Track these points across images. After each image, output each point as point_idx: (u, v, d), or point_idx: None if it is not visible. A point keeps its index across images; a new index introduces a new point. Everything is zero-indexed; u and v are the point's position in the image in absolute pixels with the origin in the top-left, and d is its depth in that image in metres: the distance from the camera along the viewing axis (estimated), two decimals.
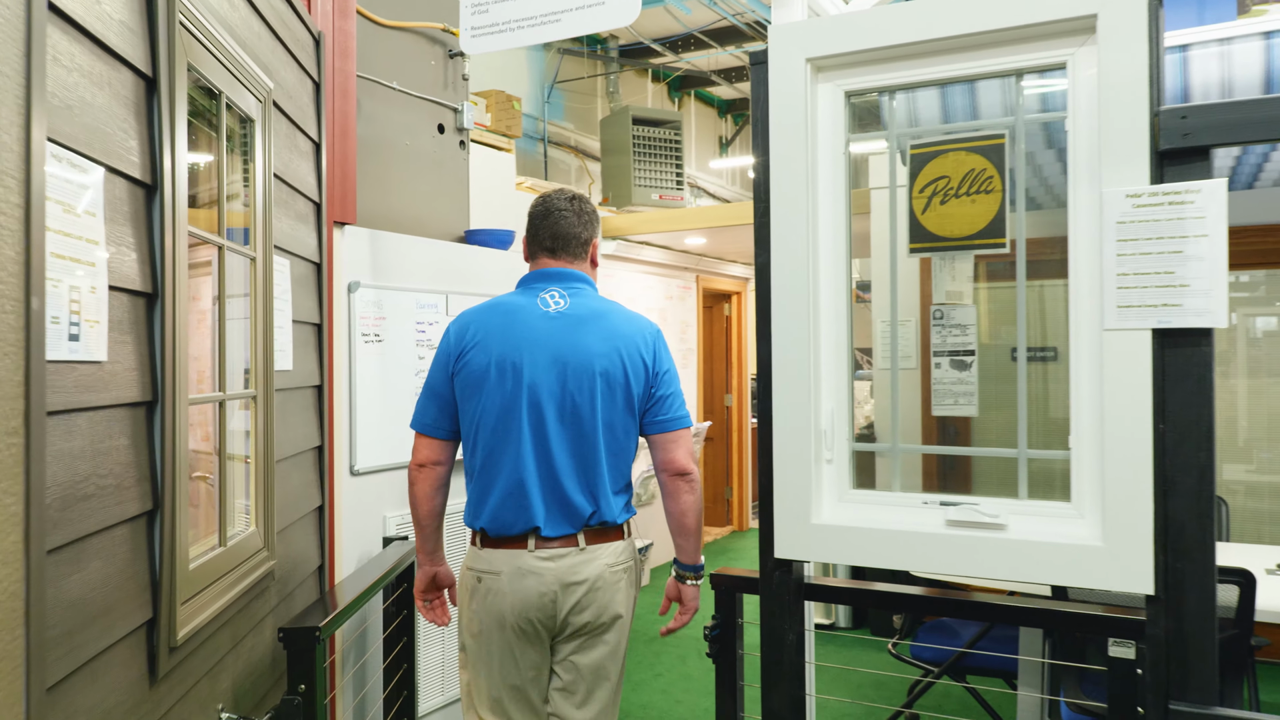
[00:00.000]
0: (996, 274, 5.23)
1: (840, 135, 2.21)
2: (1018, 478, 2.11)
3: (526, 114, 9.13)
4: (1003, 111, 2.73)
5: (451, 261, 3.47)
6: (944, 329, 2.22)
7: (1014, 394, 2.02)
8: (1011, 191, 2.13)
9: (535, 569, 2.03)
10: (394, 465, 3.19)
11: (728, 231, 6.06)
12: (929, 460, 5.17)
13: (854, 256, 7.12)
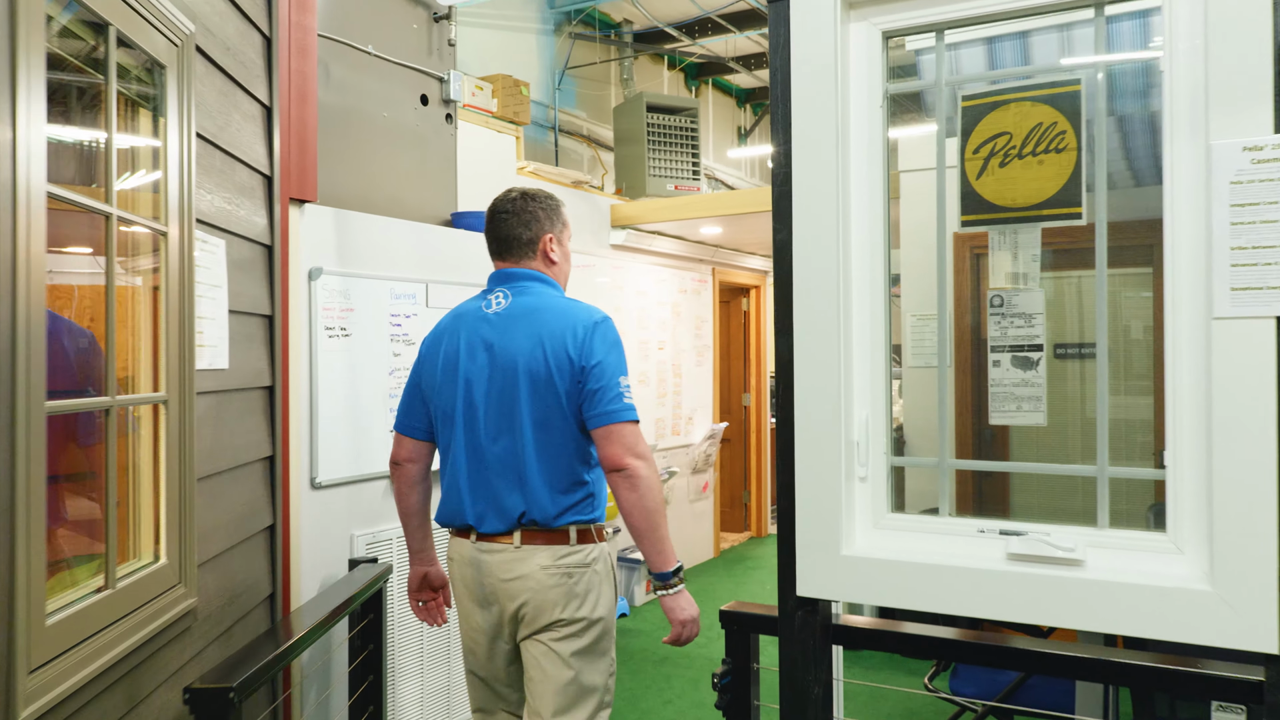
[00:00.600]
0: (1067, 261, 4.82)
1: (877, 84, 1.82)
2: (1096, 501, 1.71)
3: (536, 101, 8.75)
4: None
5: (434, 246, 3.11)
6: (1004, 319, 1.82)
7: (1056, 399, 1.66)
8: (1089, 150, 1.74)
9: (475, 560, 2.08)
10: (363, 476, 2.83)
11: (745, 220, 5.66)
12: (961, 477, 4.76)
13: None
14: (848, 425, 1.83)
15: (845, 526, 1.82)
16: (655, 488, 2.00)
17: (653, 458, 2.01)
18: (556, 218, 2.20)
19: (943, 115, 1.81)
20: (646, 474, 1.99)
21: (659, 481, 2.01)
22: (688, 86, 10.76)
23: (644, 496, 1.99)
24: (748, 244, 6.87)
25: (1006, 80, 1.80)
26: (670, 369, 6.35)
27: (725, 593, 5.84)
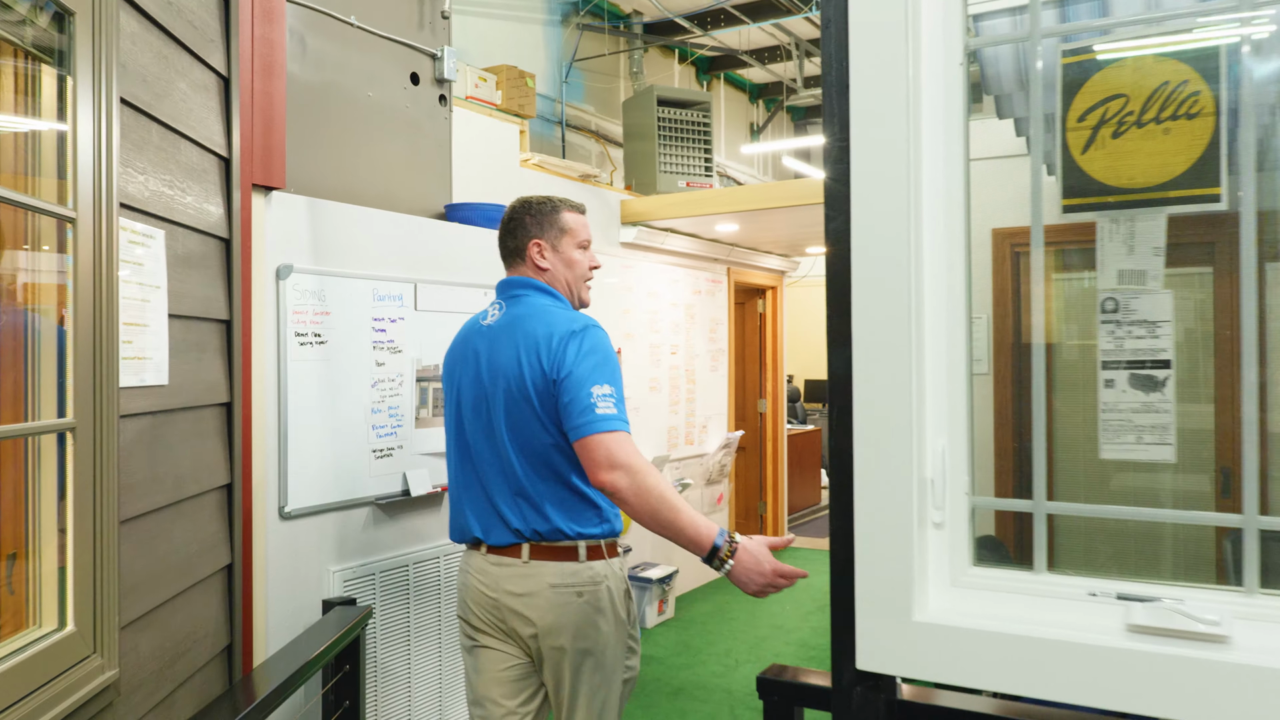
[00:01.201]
0: (1076, 263, 4.43)
1: (955, 37, 1.48)
2: (1244, 559, 1.36)
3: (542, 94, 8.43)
4: None
5: (424, 241, 2.76)
6: (1120, 328, 1.47)
7: None
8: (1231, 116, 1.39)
9: (483, 569, 2.05)
10: (342, 503, 2.49)
11: (763, 217, 5.31)
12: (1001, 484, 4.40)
13: None
14: (920, 458, 1.48)
15: (917, 584, 1.47)
16: (643, 491, 1.85)
17: (637, 461, 1.87)
18: (546, 223, 2.13)
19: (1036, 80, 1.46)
20: (626, 484, 1.85)
21: (649, 483, 1.86)
22: (699, 81, 10.42)
23: (636, 504, 1.87)
24: (765, 242, 6.52)
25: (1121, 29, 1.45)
26: (683, 375, 6.00)
27: (742, 614, 5.48)
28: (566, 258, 2.13)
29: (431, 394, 2.75)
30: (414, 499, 2.67)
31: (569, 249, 2.13)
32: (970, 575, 1.51)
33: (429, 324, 2.75)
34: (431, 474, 2.74)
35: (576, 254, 2.13)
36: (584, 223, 2.18)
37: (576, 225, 2.15)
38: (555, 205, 2.15)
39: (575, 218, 2.16)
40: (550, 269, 2.11)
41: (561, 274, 2.12)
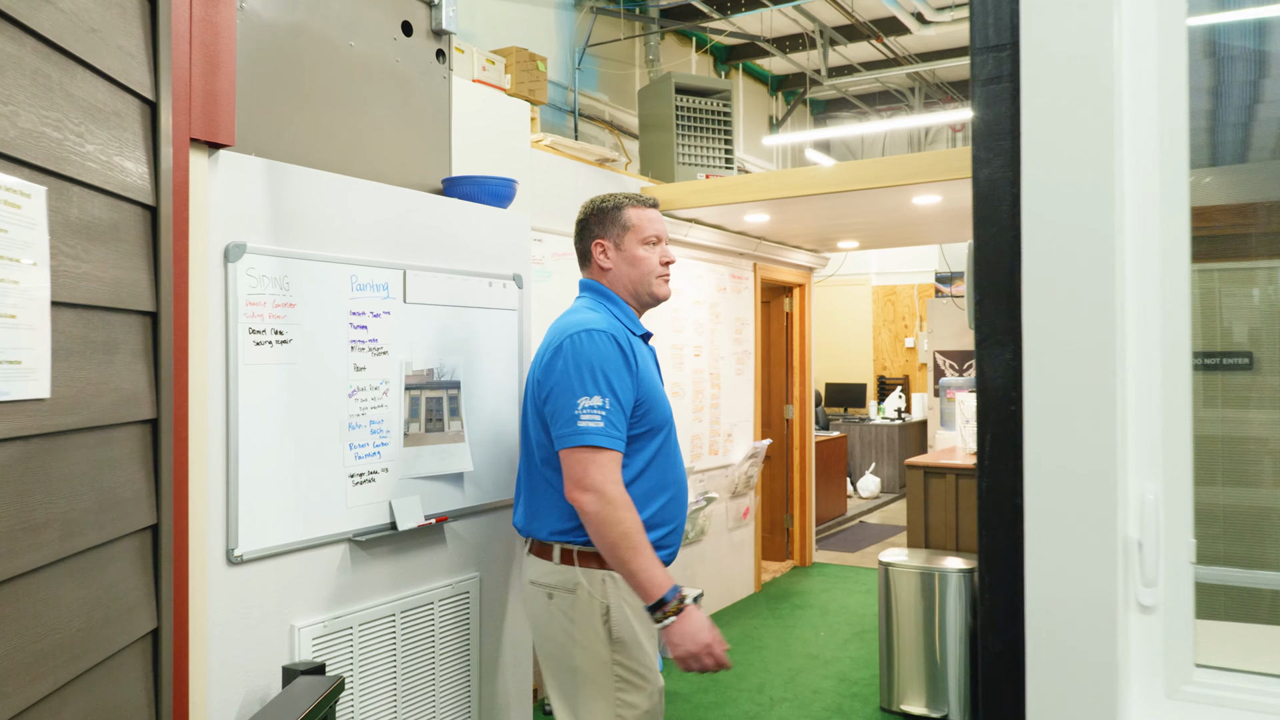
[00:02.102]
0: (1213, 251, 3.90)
1: None
2: None
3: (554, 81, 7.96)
4: None
5: (416, 219, 2.28)
6: None
7: None
8: None
9: None
10: (310, 542, 2.00)
11: (797, 206, 4.82)
12: None
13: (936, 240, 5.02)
14: (1121, 511, 1.01)
15: (1120, 695, 0.99)
16: (606, 521, 1.86)
17: (611, 489, 1.87)
18: (609, 220, 2.14)
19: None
20: (592, 509, 1.88)
21: (616, 516, 1.86)
22: (717, 71, 9.94)
23: (596, 532, 1.89)
24: (794, 236, 6.03)
25: None
26: (708, 379, 5.51)
27: (773, 639, 4.99)
28: (630, 255, 2.11)
29: (424, 405, 2.27)
30: (402, 534, 2.19)
31: (633, 246, 2.11)
32: (1195, 682, 1.03)
33: (421, 319, 2.27)
34: (425, 502, 2.26)
35: (642, 251, 2.10)
36: (651, 217, 2.13)
37: (640, 220, 2.11)
38: (619, 202, 2.13)
39: (639, 213, 2.12)
40: (612, 268, 2.12)
41: (624, 273, 2.12)
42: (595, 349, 1.94)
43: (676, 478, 2.06)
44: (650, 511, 1.99)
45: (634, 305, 2.15)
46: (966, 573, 3.95)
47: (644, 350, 2.11)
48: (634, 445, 1.99)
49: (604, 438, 1.88)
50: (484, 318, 2.43)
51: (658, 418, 2.03)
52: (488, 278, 2.46)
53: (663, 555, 1.98)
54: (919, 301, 10.77)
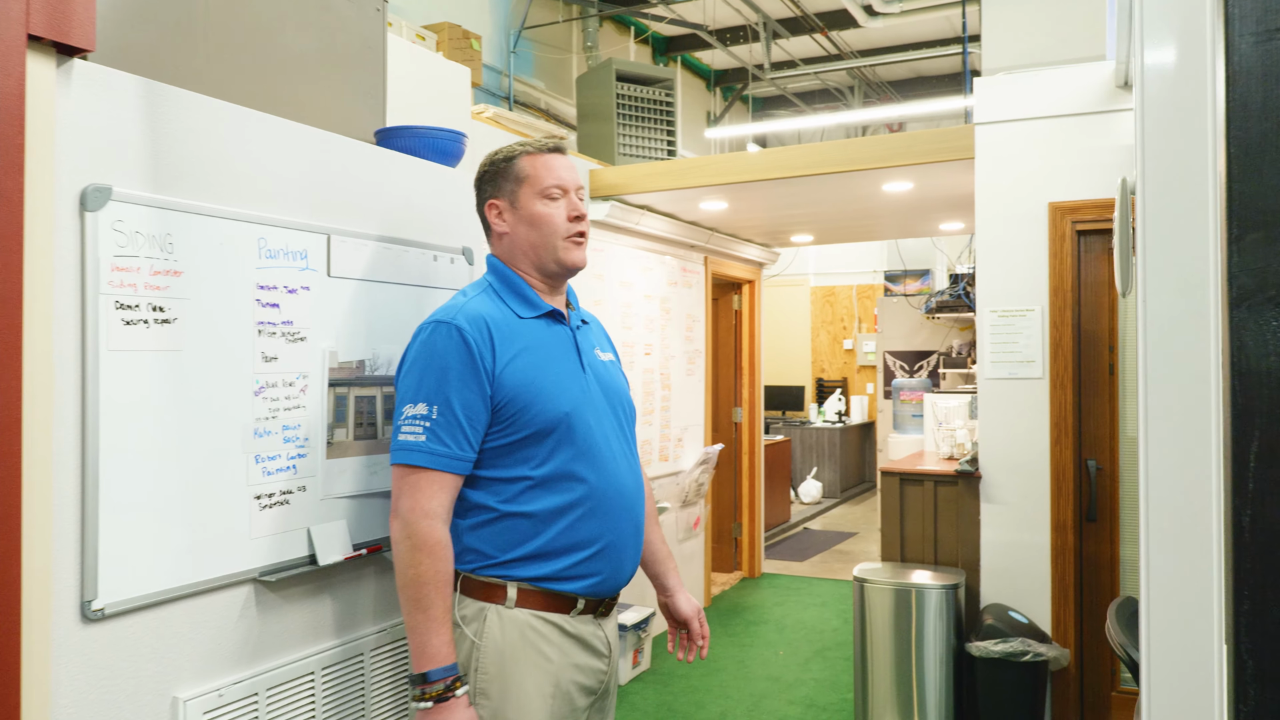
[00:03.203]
0: None
1: None
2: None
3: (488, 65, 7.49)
4: None
5: (345, 172, 1.82)
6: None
7: None
8: None
9: None
10: (199, 586, 1.53)
11: (757, 192, 4.45)
12: (1060, 505, 3.61)
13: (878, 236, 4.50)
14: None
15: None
16: (401, 559, 1.56)
17: (415, 517, 1.56)
18: (501, 176, 1.74)
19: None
20: (396, 538, 1.58)
21: (409, 553, 1.55)
22: (655, 63, 9.59)
23: (396, 568, 1.58)
24: (748, 227, 5.67)
25: None
26: (658, 380, 5.11)
27: (730, 661, 4.60)
28: (528, 214, 1.71)
29: (353, 405, 1.81)
30: (324, 569, 1.73)
31: (530, 202, 1.71)
32: None
33: (349, 298, 1.81)
34: (354, 527, 1.80)
35: (541, 206, 1.70)
36: (550, 164, 1.72)
37: (537, 169, 1.71)
38: (511, 151, 1.74)
39: (534, 160, 1.72)
40: (509, 233, 1.73)
41: (523, 237, 1.72)
42: (431, 347, 1.61)
43: (595, 488, 1.67)
44: (549, 536, 1.63)
45: (538, 279, 1.74)
46: (949, 589, 3.63)
47: (536, 336, 1.70)
48: (514, 455, 1.64)
49: (422, 454, 1.56)
50: (428, 299, 1.98)
51: (543, 418, 1.64)
52: (433, 250, 2.01)
53: (581, 587, 1.65)
54: (857, 302, 10.56)
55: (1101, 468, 3.64)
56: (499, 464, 1.63)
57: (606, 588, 1.69)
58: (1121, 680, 3.63)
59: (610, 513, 1.68)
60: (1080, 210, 3.60)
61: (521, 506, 1.62)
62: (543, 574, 1.62)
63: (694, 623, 1.93)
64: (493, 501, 1.63)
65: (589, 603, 1.68)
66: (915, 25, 8.96)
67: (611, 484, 1.69)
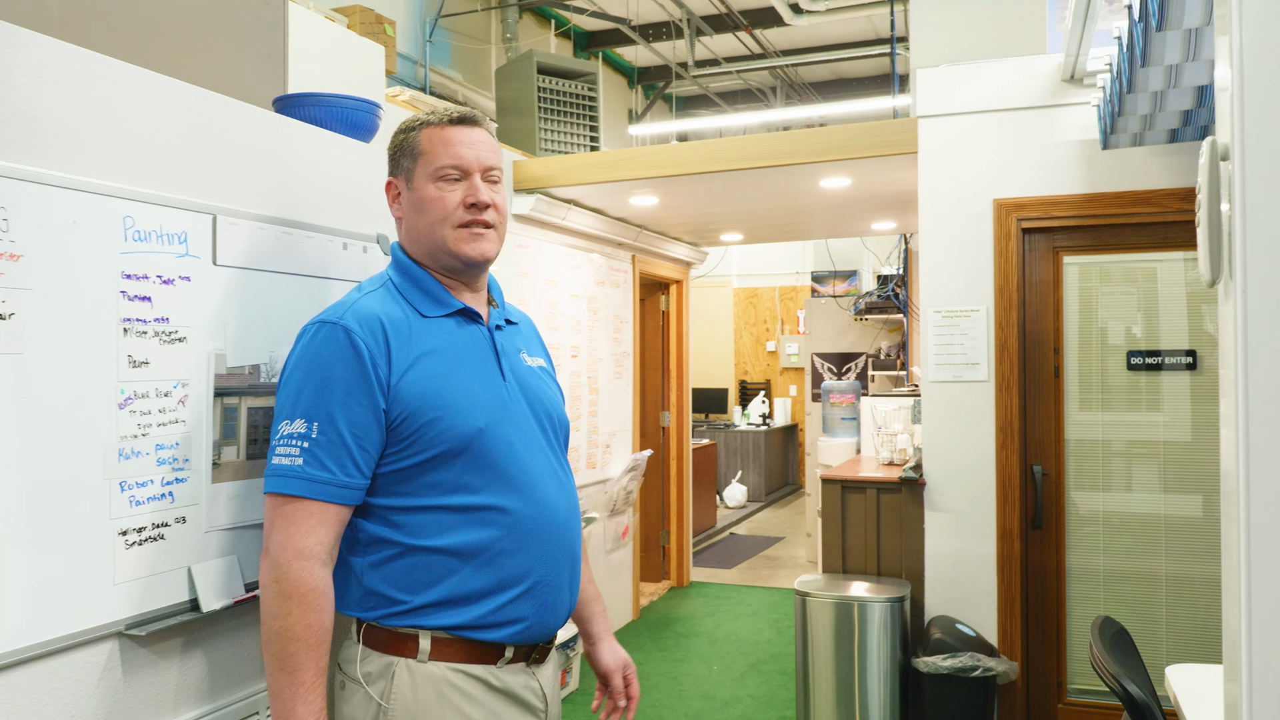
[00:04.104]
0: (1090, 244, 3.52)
1: None
2: None
3: (403, 55, 7.15)
4: None
5: (238, 141, 1.53)
6: None
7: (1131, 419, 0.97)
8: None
9: None
10: (48, 645, 1.23)
11: (691, 186, 4.24)
12: (1006, 512, 3.48)
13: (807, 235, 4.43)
14: None
15: None
16: (270, 604, 1.29)
17: (287, 557, 1.29)
18: (400, 151, 1.51)
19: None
20: (263, 581, 1.32)
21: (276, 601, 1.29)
22: (576, 58, 9.35)
23: (261, 615, 1.31)
24: (677, 224, 5.47)
25: None
26: (585, 383, 4.86)
27: (663, 677, 4.38)
28: (418, 198, 1.47)
29: (246, 418, 1.52)
30: (208, 616, 1.44)
31: (422, 184, 1.46)
32: None
33: (240, 291, 1.52)
34: (246, 563, 1.51)
35: (431, 189, 1.45)
36: (450, 138, 1.45)
37: (430, 146, 1.45)
38: (412, 124, 1.50)
39: (432, 134, 1.46)
40: (404, 218, 1.50)
41: (414, 224, 1.49)
42: (313, 352, 1.37)
43: (520, 516, 1.43)
44: (466, 574, 1.39)
45: (440, 272, 1.50)
46: (894, 601, 3.47)
47: (444, 338, 1.46)
48: (418, 480, 1.40)
49: (298, 482, 1.31)
50: (336, 293, 1.71)
51: (451, 436, 1.39)
52: (342, 237, 1.73)
53: (508, 634, 1.42)
54: (780, 304, 10.49)
55: (1047, 473, 3.53)
56: (401, 491, 1.39)
57: (538, 632, 1.45)
58: (1068, 693, 3.53)
59: (539, 544, 1.44)
60: (1026, 207, 3.49)
61: (431, 540, 1.38)
62: (461, 621, 1.38)
63: (616, 678, 1.67)
64: (396, 535, 1.38)
65: (519, 650, 1.44)
66: (838, 25, 8.92)
67: (540, 510, 1.44)
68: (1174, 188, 3.32)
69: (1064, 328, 3.54)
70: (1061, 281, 3.54)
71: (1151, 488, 3.45)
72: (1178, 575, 3.41)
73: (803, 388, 10.16)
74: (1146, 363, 3.47)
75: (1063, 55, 3.31)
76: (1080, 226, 3.49)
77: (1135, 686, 1.69)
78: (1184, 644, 3.37)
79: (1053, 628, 3.54)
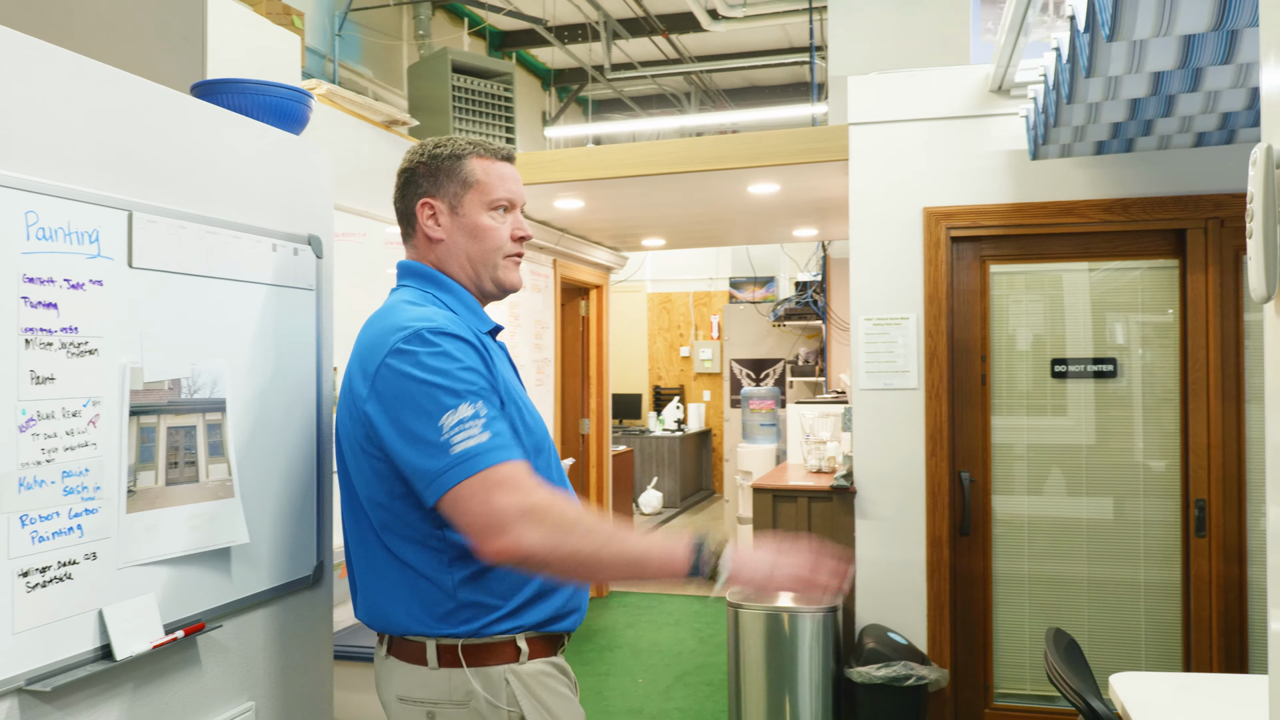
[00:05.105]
0: (1016, 253, 3.56)
1: None
2: None
3: (310, 48, 6.87)
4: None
5: (155, 128, 1.37)
6: None
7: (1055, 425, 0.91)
8: None
9: None
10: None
11: (618, 190, 4.16)
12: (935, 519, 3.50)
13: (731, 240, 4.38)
14: None
15: None
16: (560, 548, 1.30)
17: (531, 505, 1.30)
18: (444, 174, 1.56)
19: None
20: (530, 546, 1.30)
21: (558, 535, 1.30)
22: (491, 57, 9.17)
23: (558, 570, 1.34)
24: (600, 229, 5.37)
25: None
26: None
27: (588, 691, 4.28)
28: (470, 224, 1.56)
29: (165, 439, 1.36)
30: (123, 664, 1.27)
31: (475, 211, 1.57)
32: None
33: (158, 298, 1.36)
34: (165, 602, 1.35)
35: (486, 219, 1.57)
36: (502, 174, 1.58)
37: (487, 177, 1.56)
38: (459, 149, 1.58)
39: (486, 166, 1.57)
40: (445, 240, 1.57)
41: (461, 248, 1.57)
42: (440, 350, 1.39)
43: None
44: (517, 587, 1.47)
45: (474, 291, 1.60)
46: (826, 612, 3.44)
47: (500, 354, 1.59)
48: None
49: (496, 452, 1.34)
50: (265, 299, 1.55)
51: (531, 439, 1.50)
52: (271, 237, 1.58)
53: (572, 622, 1.54)
54: (694, 309, 10.49)
55: (975, 480, 3.56)
56: None
57: (581, 617, 1.58)
58: (995, 697, 3.56)
59: None
60: (955, 216, 3.51)
61: None
62: (547, 615, 1.48)
63: None
64: None
65: (568, 639, 1.57)
66: (753, 33, 8.97)
67: None
68: (1098, 199, 3.38)
69: (991, 335, 3.57)
70: (989, 290, 3.57)
71: (1074, 493, 3.51)
72: (1097, 579, 3.48)
73: (716, 393, 10.18)
74: (1070, 370, 3.53)
75: (992, 66, 3.34)
76: (1007, 236, 3.52)
77: (1100, 702, 1.66)
78: (1106, 648, 3.43)
79: (980, 633, 3.56)
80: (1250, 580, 3.29)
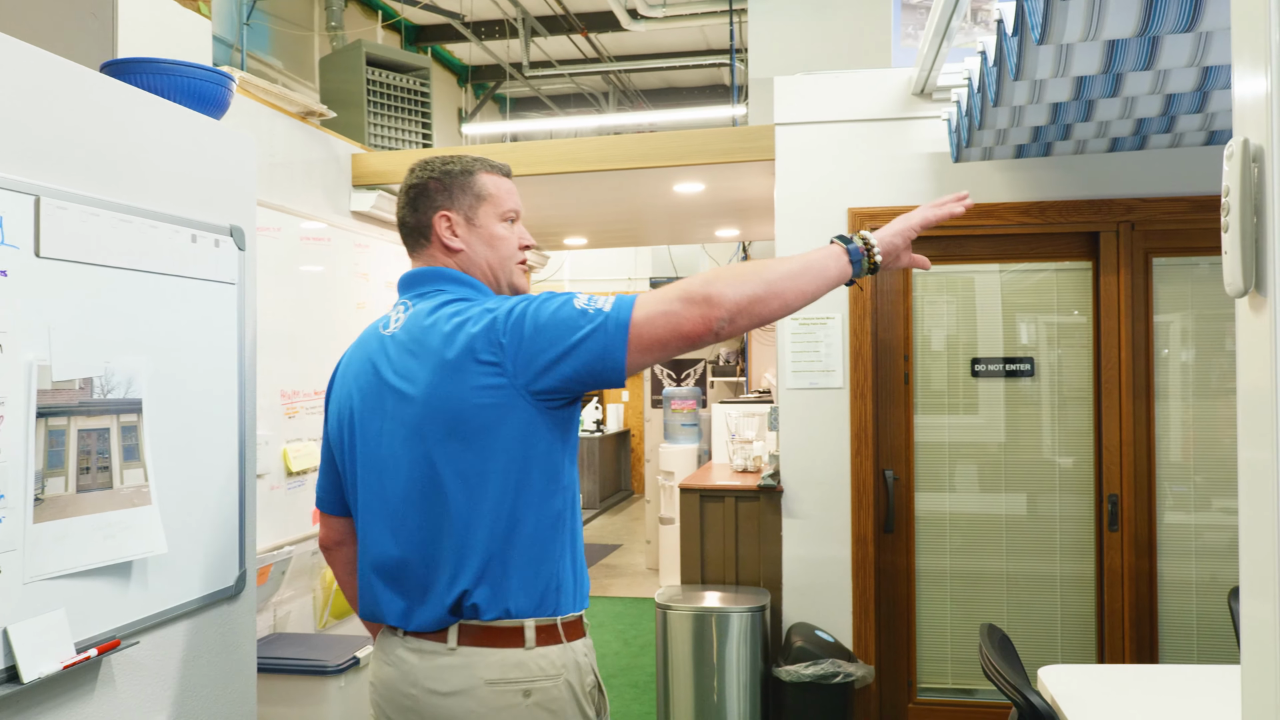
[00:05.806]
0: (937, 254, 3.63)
1: None
2: None
3: (217, 38, 6.62)
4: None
5: (65, 107, 1.27)
6: None
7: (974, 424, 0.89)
8: None
9: (399, 659, 1.57)
10: None
11: (542, 186, 4.10)
12: (860, 517, 3.53)
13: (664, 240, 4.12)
14: None
15: None
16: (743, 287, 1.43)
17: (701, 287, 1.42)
18: (458, 188, 1.68)
19: None
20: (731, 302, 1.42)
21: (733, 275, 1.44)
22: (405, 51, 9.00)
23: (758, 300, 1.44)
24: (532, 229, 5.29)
25: None
26: None
27: None
28: (487, 234, 1.70)
29: (75, 442, 1.26)
30: (30, 687, 1.17)
31: (490, 222, 1.70)
32: None
33: (68, 290, 1.26)
34: (76, 618, 1.25)
35: (500, 228, 1.70)
36: (509, 188, 1.74)
37: (499, 191, 1.71)
38: (469, 165, 1.72)
39: (496, 181, 1.72)
40: (465, 250, 1.67)
41: (481, 256, 1.69)
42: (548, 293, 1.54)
43: None
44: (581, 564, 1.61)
45: None
46: (754, 611, 3.45)
47: None
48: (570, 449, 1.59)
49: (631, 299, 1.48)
50: (183, 292, 1.46)
51: None
52: (190, 227, 1.48)
53: (587, 602, 1.67)
54: None
55: (898, 478, 3.61)
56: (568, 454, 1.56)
57: None
58: (918, 692, 3.61)
59: None
60: (879, 217, 3.55)
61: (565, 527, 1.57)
62: (585, 590, 1.62)
63: None
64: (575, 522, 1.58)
65: None
66: (671, 34, 8.99)
67: None
68: (1016, 201, 3.46)
69: (914, 336, 3.63)
70: (911, 290, 3.63)
71: (993, 490, 3.59)
72: (1016, 573, 3.56)
73: (636, 394, 10.16)
74: (988, 369, 3.61)
75: (915, 70, 3.39)
76: (929, 237, 3.58)
77: (1038, 697, 1.68)
78: (1025, 640, 3.52)
79: (903, 629, 3.61)
80: (1160, 573, 3.41)
